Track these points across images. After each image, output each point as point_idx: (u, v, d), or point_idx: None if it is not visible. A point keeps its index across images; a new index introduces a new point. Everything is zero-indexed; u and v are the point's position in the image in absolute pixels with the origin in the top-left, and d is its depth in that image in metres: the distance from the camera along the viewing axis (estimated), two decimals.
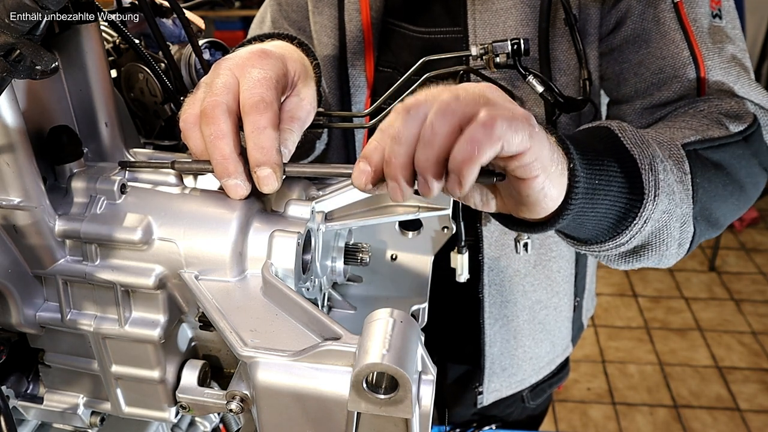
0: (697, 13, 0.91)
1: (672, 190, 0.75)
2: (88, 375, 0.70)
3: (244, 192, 0.65)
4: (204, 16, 1.05)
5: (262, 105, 0.64)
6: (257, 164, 0.64)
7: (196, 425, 0.87)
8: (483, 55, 0.83)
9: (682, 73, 0.91)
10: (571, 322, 1.28)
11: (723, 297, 3.77)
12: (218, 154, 0.64)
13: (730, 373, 3.21)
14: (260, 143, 0.64)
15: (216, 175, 0.65)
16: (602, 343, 3.43)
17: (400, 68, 1.08)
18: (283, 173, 0.66)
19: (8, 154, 0.58)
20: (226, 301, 0.60)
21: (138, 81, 0.88)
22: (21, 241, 0.62)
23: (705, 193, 0.79)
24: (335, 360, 0.52)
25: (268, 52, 0.69)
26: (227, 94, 0.65)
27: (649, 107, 0.94)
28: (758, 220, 4.48)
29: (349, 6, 1.06)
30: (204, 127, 0.64)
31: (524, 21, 0.95)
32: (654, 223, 0.74)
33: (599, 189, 0.69)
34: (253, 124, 0.64)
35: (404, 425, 0.51)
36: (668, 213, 0.75)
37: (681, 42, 0.90)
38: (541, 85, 0.86)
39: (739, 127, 0.86)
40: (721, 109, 0.89)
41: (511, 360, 1.19)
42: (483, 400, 1.21)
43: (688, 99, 0.92)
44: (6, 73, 0.50)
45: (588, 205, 0.68)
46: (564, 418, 2.99)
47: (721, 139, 0.82)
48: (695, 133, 0.81)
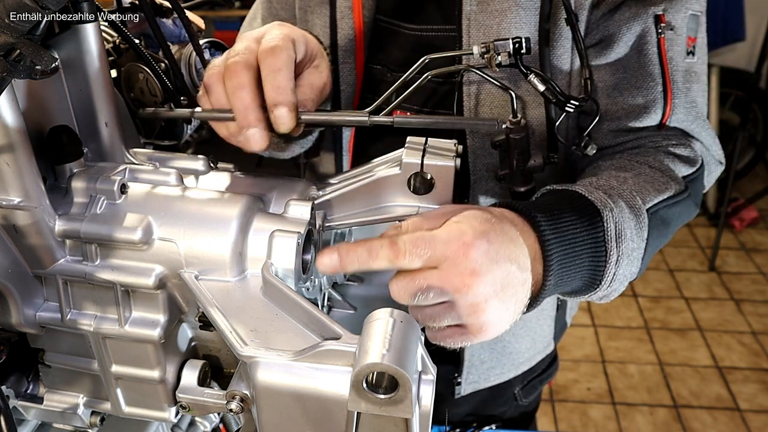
0: (675, 51, 0.94)
1: (630, 265, 0.79)
2: (88, 375, 0.70)
3: (265, 142, 0.72)
4: (204, 16, 1.05)
5: (277, 49, 0.70)
6: (274, 103, 0.70)
7: (196, 425, 0.87)
8: (484, 54, 0.83)
9: (651, 107, 0.94)
10: (554, 320, 1.28)
11: (723, 297, 3.77)
12: (239, 103, 0.70)
13: (730, 373, 3.21)
14: (276, 83, 0.70)
15: (237, 123, 0.71)
16: (602, 343, 3.43)
17: (390, 65, 1.08)
18: (299, 117, 0.71)
19: (8, 154, 0.58)
20: (226, 301, 0.60)
21: (138, 81, 0.88)
22: (21, 241, 0.62)
23: (649, 252, 0.84)
24: (335, 360, 0.52)
25: (286, 24, 0.77)
26: (248, 54, 0.71)
27: (615, 130, 0.97)
28: (758, 220, 4.47)
29: (342, 4, 1.06)
30: (227, 81, 0.71)
31: (519, 24, 0.95)
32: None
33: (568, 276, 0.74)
34: (269, 66, 0.70)
35: (404, 425, 0.51)
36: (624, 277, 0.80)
37: (658, 77, 0.94)
38: (542, 84, 0.86)
39: (688, 170, 0.92)
40: (675, 151, 0.94)
41: (490, 353, 1.20)
42: (461, 390, 1.21)
43: (650, 131, 0.96)
44: (6, 73, 0.50)
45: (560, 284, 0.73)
46: (564, 418, 2.99)
47: (675, 196, 0.87)
48: (657, 193, 0.85)
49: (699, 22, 0.98)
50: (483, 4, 0.96)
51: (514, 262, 0.65)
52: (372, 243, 0.64)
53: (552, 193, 0.81)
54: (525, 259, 0.67)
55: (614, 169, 0.89)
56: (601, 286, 0.76)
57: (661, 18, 0.93)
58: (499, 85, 0.84)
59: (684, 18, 0.95)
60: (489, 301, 0.63)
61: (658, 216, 0.83)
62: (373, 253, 0.63)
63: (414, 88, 0.81)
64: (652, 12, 0.93)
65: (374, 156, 0.81)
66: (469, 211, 0.67)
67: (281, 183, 0.73)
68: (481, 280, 0.62)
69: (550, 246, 0.70)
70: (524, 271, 0.67)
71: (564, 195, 0.79)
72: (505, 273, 0.64)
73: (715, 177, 1.03)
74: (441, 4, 1.02)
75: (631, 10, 0.93)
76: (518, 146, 0.90)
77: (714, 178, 1.03)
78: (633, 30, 0.93)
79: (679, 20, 0.94)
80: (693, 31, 0.96)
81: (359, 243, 0.65)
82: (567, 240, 0.72)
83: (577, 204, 0.76)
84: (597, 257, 0.75)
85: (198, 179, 0.73)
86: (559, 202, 0.76)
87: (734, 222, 4.37)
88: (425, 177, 0.75)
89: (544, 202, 0.76)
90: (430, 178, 0.75)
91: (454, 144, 0.77)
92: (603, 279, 0.76)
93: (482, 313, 0.64)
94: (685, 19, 0.95)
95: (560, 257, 0.71)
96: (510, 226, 0.68)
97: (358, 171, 0.79)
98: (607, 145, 0.98)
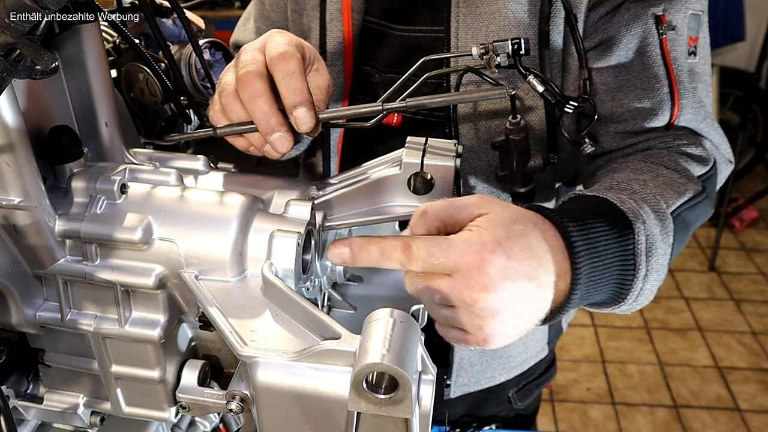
0: (678, 51, 0.94)
1: (657, 277, 0.76)
2: (88, 375, 0.70)
3: (290, 143, 0.72)
4: (204, 16, 1.05)
5: (287, 54, 0.71)
6: (293, 104, 0.70)
7: (196, 425, 0.87)
8: (483, 55, 0.83)
9: (659, 109, 0.93)
10: (548, 326, 1.28)
11: (723, 297, 3.77)
12: (259, 111, 0.71)
13: (730, 373, 3.21)
14: (291, 85, 0.70)
15: (261, 132, 0.71)
16: (602, 343, 3.42)
17: (378, 66, 1.08)
18: (317, 115, 0.73)
19: (8, 154, 0.58)
20: (226, 301, 0.60)
21: (138, 81, 0.88)
22: (21, 241, 0.62)
23: (671, 257, 0.81)
24: (335, 360, 0.52)
25: (284, 31, 0.77)
26: (257, 63, 0.72)
27: (623, 132, 0.96)
28: (758, 220, 4.48)
29: (331, 7, 1.06)
30: (241, 92, 0.71)
31: (507, 27, 0.95)
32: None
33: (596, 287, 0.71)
34: (282, 71, 0.71)
35: (404, 425, 0.51)
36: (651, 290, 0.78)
37: (663, 78, 0.93)
38: (541, 84, 0.86)
39: (702, 169, 0.91)
40: (687, 150, 0.93)
41: (480, 357, 1.19)
42: (450, 393, 1.21)
43: (659, 132, 0.95)
44: (6, 73, 0.50)
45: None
46: (564, 418, 2.99)
47: (694, 198, 0.85)
48: (678, 195, 0.83)
49: (700, 21, 0.97)
50: (472, 6, 0.97)
51: (533, 280, 0.62)
52: (386, 243, 0.62)
53: (581, 199, 0.77)
54: (548, 277, 0.64)
55: (631, 172, 0.87)
56: (627, 300, 0.73)
57: (662, 18, 0.92)
58: (500, 84, 0.84)
59: (684, 18, 0.94)
60: (496, 317, 0.61)
61: (680, 219, 0.81)
62: (386, 254, 0.62)
63: (413, 88, 0.81)
64: (652, 13, 0.92)
65: (362, 159, 0.81)
66: (497, 213, 0.64)
67: (281, 183, 0.73)
68: (490, 297, 0.60)
69: (579, 260, 0.66)
70: (544, 289, 0.64)
71: (594, 202, 0.75)
72: (520, 291, 0.61)
73: (726, 176, 1.01)
74: (430, 6, 1.02)
75: (630, 11, 0.93)
76: (518, 147, 0.90)
77: (724, 177, 1.01)
78: (633, 32, 0.93)
79: (679, 20, 0.93)
80: (694, 31, 0.96)
81: (373, 240, 0.63)
82: (597, 253, 0.68)
83: (609, 213, 0.72)
84: (625, 271, 0.71)
85: (198, 179, 0.73)
86: (591, 210, 0.72)
87: (734, 222, 4.37)
88: (425, 177, 0.75)
89: (575, 209, 0.73)
90: (430, 178, 0.75)
91: (454, 144, 0.77)
92: (630, 293, 0.73)
93: (486, 327, 0.62)
94: (686, 19, 0.94)
95: (589, 271, 0.68)
96: (539, 239, 0.64)
97: (358, 171, 0.79)
98: (616, 147, 0.97)
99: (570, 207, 0.75)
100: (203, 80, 0.93)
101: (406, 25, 1.05)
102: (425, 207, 0.66)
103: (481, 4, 0.96)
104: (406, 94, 0.79)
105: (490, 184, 1.03)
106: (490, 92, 0.75)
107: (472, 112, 1.01)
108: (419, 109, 0.77)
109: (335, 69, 1.09)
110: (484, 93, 0.75)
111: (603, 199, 0.75)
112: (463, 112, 1.01)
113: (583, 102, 0.90)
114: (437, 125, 1.04)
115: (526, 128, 0.89)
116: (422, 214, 0.66)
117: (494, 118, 1.00)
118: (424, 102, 0.76)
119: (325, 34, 1.07)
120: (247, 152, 0.81)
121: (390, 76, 1.06)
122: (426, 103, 0.76)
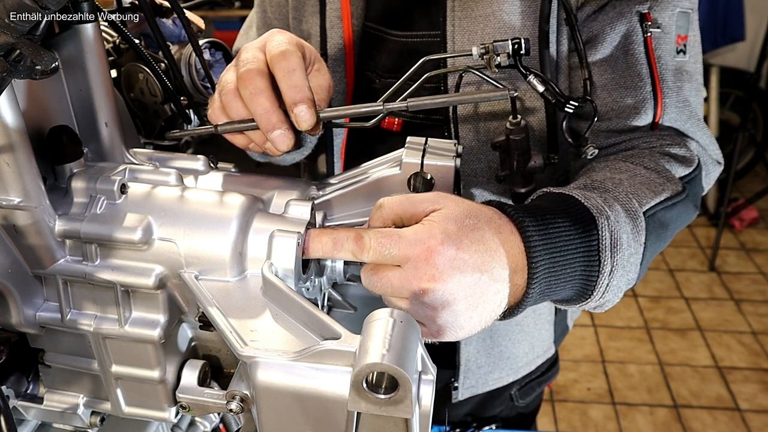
0: (663, 50, 0.93)
1: (626, 272, 0.76)
2: (88, 375, 0.70)
3: (291, 141, 0.73)
4: (204, 16, 1.06)
5: (288, 52, 0.72)
6: (293, 102, 0.71)
7: (196, 425, 0.87)
8: (483, 55, 0.83)
9: (641, 107, 0.93)
10: (553, 324, 1.27)
11: (723, 297, 3.77)
12: (260, 108, 0.71)
13: (730, 373, 3.21)
14: (292, 83, 0.71)
15: (261, 129, 0.72)
16: (602, 343, 3.43)
17: (379, 71, 1.09)
18: (318, 113, 0.73)
19: (8, 154, 0.58)
20: (226, 301, 0.60)
21: (138, 81, 0.88)
22: (21, 241, 0.62)
23: (647, 257, 0.81)
24: (335, 360, 0.52)
25: (284, 31, 0.77)
26: (258, 61, 0.72)
27: (606, 131, 0.96)
28: (758, 220, 4.47)
29: (331, 14, 1.07)
30: (242, 90, 0.72)
31: (502, 29, 0.95)
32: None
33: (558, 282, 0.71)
34: (283, 69, 0.71)
35: (404, 425, 0.51)
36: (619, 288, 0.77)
37: (646, 77, 0.92)
38: (542, 84, 0.86)
39: (685, 170, 0.90)
40: (671, 150, 0.92)
41: (487, 358, 1.19)
42: (458, 395, 1.21)
43: (643, 131, 0.94)
44: (6, 73, 0.50)
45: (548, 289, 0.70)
46: (564, 418, 2.99)
47: (672, 198, 0.85)
48: (653, 195, 0.83)
49: (690, 19, 0.96)
50: (467, 10, 0.97)
51: (485, 272, 0.63)
52: (338, 234, 0.64)
53: (547, 197, 0.78)
54: (501, 270, 0.64)
55: (608, 171, 0.88)
56: (593, 296, 0.74)
57: (647, 16, 0.91)
58: (499, 85, 0.84)
59: (672, 15, 0.93)
60: (447, 309, 0.62)
61: (655, 219, 0.81)
62: (338, 244, 0.64)
63: (414, 88, 0.81)
64: (637, 10, 0.91)
65: (365, 161, 0.81)
66: (451, 208, 0.65)
67: (281, 183, 0.73)
68: (439, 287, 0.61)
69: (536, 254, 0.67)
70: (498, 282, 0.64)
71: (559, 199, 0.76)
72: (470, 282, 0.62)
73: (714, 178, 1.02)
74: (427, 11, 1.03)
75: (615, 9, 0.92)
76: (518, 147, 0.90)
77: (713, 178, 1.01)
78: (617, 29, 0.92)
79: (666, 18, 0.93)
80: (683, 29, 0.95)
81: (326, 231, 0.65)
82: (557, 248, 0.69)
83: (573, 210, 0.73)
84: (590, 267, 0.72)
85: (198, 179, 0.73)
86: (554, 206, 0.73)
87: (734, 222, 4.37)
88: (425, 177, 0.75)
89: (537, 206, 0.74)
90: (430, 178, 0.75)
91: (454, 144, 0.77)
92: (595, 289, 0.73)
93: (438, 318, 0.63)
94: (674, 17, 0.93)
95: (548, 266, 0.68)
96: (492, 234, 0.65)
97: (358, 171, 0.79)
98: (600, 146, 0.97)
99: (533, 204, 0.76)
100: (203, 80, 0.93)
101: (403, 30, 1.05)
102: (382, 201, 0.67)
103: (476, 7, 0.96)
104: (407, 94, 0.79)
105: (491, 184, 1.03)
106: (492, 93, 0.75)
107: (472, 114, 1.01)
108: (420, 109, 0.77)
109: (337, 75, 1.09)
110: (486, 94, 0.75)
111: (568, 196, 0.75)
112: (463, 113, 1.01)
113: (584, 102, 0.90)
114: (437, 127, 1.04)
115: (526, 128, 0.89)
116: (379, 208, 0.67)
117: (494, 120, 1.00)
118: (425, 102, 0.76)
119: (325, 40, 1.08)
120: (246, 149, 0.81)
121: (390, 81, 1.06)
122: (427, 104, 0.76)
